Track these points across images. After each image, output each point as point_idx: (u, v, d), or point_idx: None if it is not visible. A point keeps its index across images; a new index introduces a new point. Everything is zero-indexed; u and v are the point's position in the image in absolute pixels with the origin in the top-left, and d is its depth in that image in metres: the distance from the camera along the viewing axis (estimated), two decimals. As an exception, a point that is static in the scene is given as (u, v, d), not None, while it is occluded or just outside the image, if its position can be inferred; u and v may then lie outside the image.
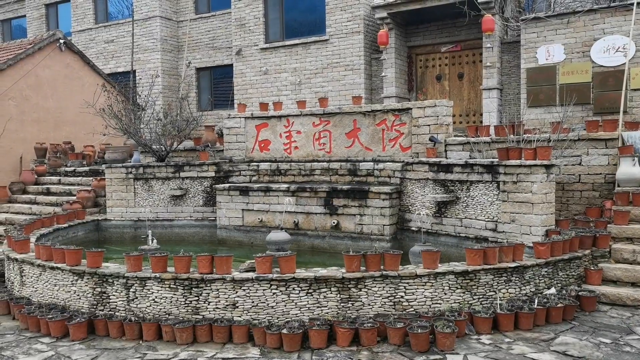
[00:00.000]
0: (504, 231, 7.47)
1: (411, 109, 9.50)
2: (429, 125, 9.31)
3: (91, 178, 12.27)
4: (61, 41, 14.17)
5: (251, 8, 15.96)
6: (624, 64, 10.59)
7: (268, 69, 15.78)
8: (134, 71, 17.32)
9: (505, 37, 13.36)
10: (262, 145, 10.95)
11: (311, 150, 10.48)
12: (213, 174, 10.68)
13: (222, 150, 11.44)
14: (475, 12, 12.60)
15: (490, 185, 7.68)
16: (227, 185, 10.29)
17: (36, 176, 12.92)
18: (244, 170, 10.76)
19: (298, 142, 10.60)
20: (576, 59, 11.62)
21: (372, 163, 9.68)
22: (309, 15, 15.49)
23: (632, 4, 10.59)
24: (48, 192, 12.34)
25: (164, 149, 11.39)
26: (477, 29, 12.97)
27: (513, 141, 8.21)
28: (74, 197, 11.54)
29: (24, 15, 21.58)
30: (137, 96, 13.28)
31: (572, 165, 8.01)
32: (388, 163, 9.47)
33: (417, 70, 14.88)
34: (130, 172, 10.90)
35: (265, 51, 15.85)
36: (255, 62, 16.01)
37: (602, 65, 11.29)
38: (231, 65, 16.88)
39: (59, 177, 12.86)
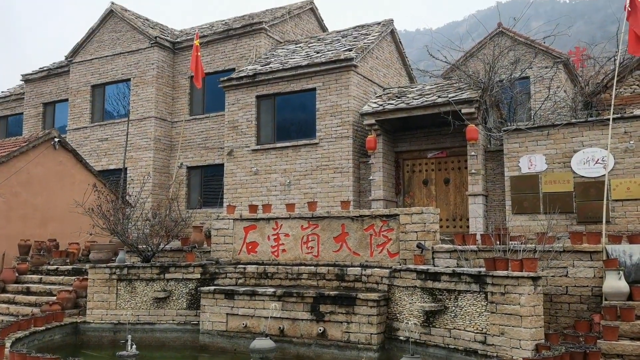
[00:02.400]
0: (493, 344, 7.31)
1: (398, 215, 9.61)
2: (416, 232, 9.38)
3: (73, 277, 12.02)
4: (56, 139, 14.48)
5: (244, 112, 16.55)
6: (604, 175, 10.93)
7: (258, 169, 16.08)
8: (126, 169, 17.56)
9: (489, 146, 13.85)
10: (250, 247, 10.91)
11: (299, 253, 10.44)
12: (199, 276, 10.52)
13: (209, 251, 11.35)
14: (460, 122, 13.15)
15: (479, 295, 7.62)
16: (212, 288, 10.11)
17: (17, 274, 12.65)
18: (230, 273, 10.62)
19: (286, 245, 10.57)
20: (558, 168, 12.01)
21: (359, 268, 9.62)
22: (300, 120, 16.08)
23: (608, 119, 11.13)
24: (28, 292, 12.02)
25: (150, 249, 11.29)
26: (462, 137, 13.46)
27: (499, 250, 8.27)
28: (54, 298, 11.24)
29: (21, 113, 22.17)
30: (128, 195, 13.37)
31: (559, 276, 8.02)
32: (376, 269, 9.42)
33: (405, 175, 15.24)
34: (114, 273, 10.72)
35: (257, 152, 16.23)
36: (246, 162, 16.34)
37: (583, 176, 11.66)
38: (222, 164, 17.20)
39: (40, 276, 12.60)
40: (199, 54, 16.12)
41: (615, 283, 7.19)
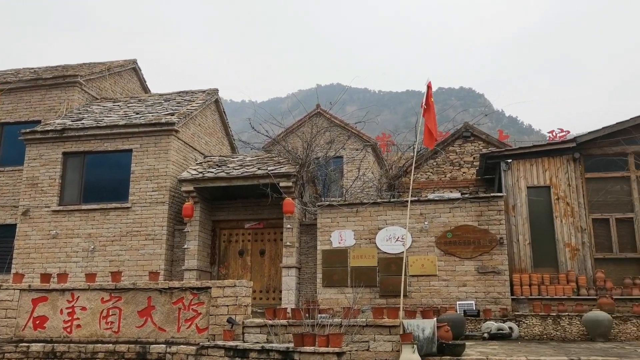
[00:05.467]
0: (298, 423, 7.18)
1: (210, 288, 9.27)
2: (227, 305, 9.09)
3: None
4: None
5: (47, 168, 15.03)
6: (403, 252, 11.90)
7: (58, 232, 14.50)
8: None
9: (304, 220, 14.32)
10: (38, 322, 9.56)
11: (96, 329, 9.41)
12: (-34, 359, 8.85)
13: (-15, 327, 9.69)
14: (277, 195, 13.45)
15: (286, 372, 7.51)
16: (-17, 372, 8.55)
17: None
18: (9, 353, 9.12)
19: (82, 320, 9.47)
20: (364, 244, 12.80)
21: (164, 345, 8.94)
22: (112, 181, 15.01)
23: (407, 201, 12.29)
24: None
25: None
26: (279, 209, 13.72)
27: (308, 325, 8.34)
28: None
29: None
30: None
31: (362, 350, 8.30)
32: (182, 346, 8.85)
33: (221, 244, 14.96)
34: None
35: (58, 214, 14.69)
36: (44, 224, 14.66)
37: (385, 252, 12.58)
38: (14, 225, 15.18)
39: None
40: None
41: (409, 356, 7.63)
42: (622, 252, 12.42)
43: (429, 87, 10.16)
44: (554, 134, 25.90)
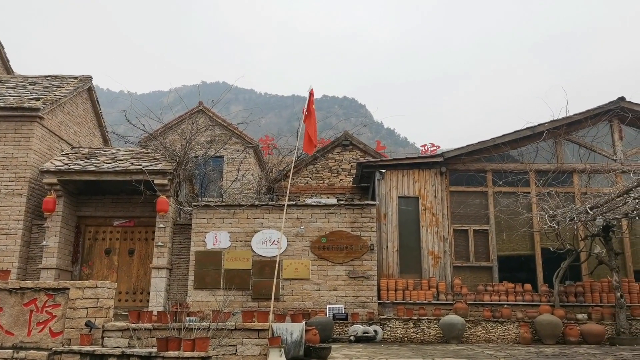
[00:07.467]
0: None
1: (69, 288, 8.60)
2: (87, 308, 8.49)
3: None
4: None
5: None
6: (278, 255, 11.94)
7: None
8: None
9: (179, 219, 13.84)
10: None
11: None
12: None
13: None
14: (151, 192, 12.89)
15: (147, 378, 7.17)
16: None
17: None
18: None
19: None
20: (240, 247, 12.67)
21: (11, 350, 8.13)
22: (-39, 168, 13.48)
23: (285, 205, 12.38)
24: None
25: None
26: (152, 207, 13.16)
27: (174, 329, 8.06)
28: None
29: None
30: None
31: (229, 354, 8.17)
32: (32, 351, 8.11)
33: (85, 242, 14.01)
34: None
35: None
36: None
37: (260, 255, 12.55)
38: None
39: None
40: None
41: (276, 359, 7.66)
42: (477, 261, 13.49)
43: (311, 93, 10.30)
44: (425, 147, 27.56)
